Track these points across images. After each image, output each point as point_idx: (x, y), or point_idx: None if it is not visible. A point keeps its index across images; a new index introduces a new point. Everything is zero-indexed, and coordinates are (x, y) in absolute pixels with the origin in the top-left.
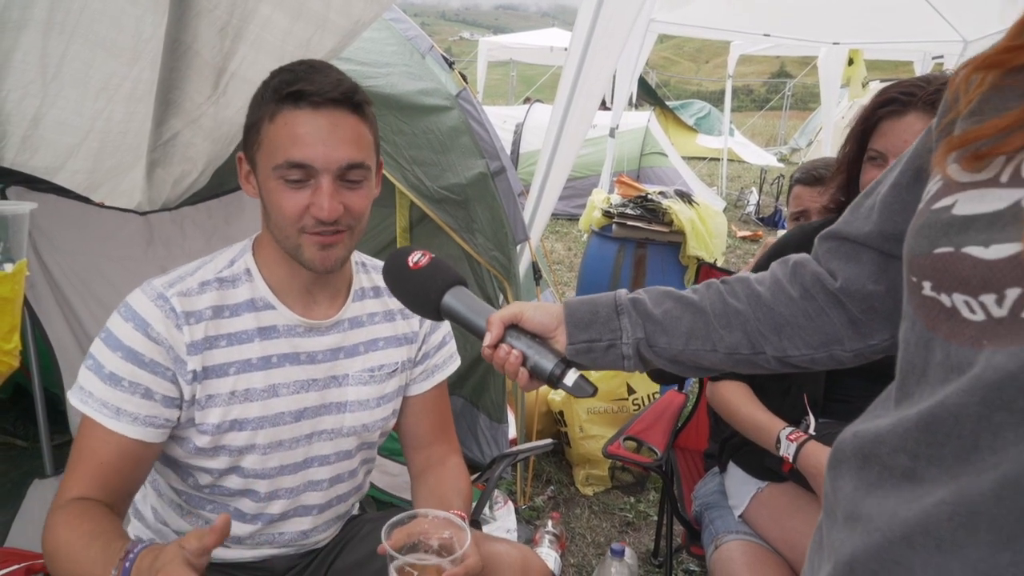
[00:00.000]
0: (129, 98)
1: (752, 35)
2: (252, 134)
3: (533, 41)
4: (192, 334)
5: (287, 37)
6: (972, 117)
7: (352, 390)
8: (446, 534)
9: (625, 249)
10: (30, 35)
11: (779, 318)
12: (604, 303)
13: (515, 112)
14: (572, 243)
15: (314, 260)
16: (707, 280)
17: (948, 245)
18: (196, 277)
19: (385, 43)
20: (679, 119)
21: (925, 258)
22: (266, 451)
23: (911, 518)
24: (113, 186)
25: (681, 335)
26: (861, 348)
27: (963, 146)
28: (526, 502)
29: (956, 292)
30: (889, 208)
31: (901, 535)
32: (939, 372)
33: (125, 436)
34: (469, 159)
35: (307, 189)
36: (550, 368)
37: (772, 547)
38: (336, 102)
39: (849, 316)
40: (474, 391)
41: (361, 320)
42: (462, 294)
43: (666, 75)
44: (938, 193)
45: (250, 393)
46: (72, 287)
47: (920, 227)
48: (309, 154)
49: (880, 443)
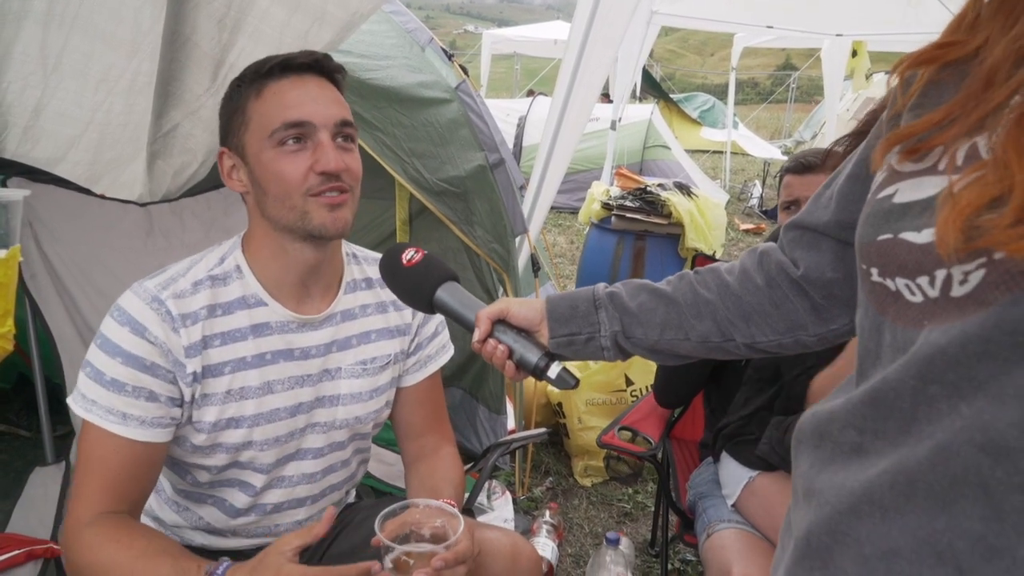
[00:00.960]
0: (129, 90)
1: (754, 27)
2: (235, 120)
3: (537, 34)
4: (190, 336)
5: (285, 29)
6: (914, 111)
7: (345, 383)
8: (438, 523)
9: (624, 241)
10: (30, 27)
11: (746, 306)
12: (583, 298)
13: (518, 105)
14: (575, 236)
15: (324, 223)
16: (680, 272)
17: (889, 232)
18: (188, 277)
19: (384, 36)
20: (683, 112)
21: (871, 245)
22: (263, 447)
23: (857, 489)
24: (114, 178)
25: (656, 326)
26: (824, 332)
27: (905, 139)
28: (524, 493)
29: (898, 276)
30: (845, 198)
31: (848, 506)
32: (889, 353)
33: (136, 440)
34: (468, 151)
35: (306, 151)
36: (535, 361)
37: (763, 535)
38: (314, 70)
39: (811, 303)
40: (473, 382)
41: (353, 312)
42: (454, 289)
43: (671, 68)
44: (883, 183)
45: (245, 391)
46: (72, 278)
47: (867, 216)
48: (305, 111)
49: (832, 421)
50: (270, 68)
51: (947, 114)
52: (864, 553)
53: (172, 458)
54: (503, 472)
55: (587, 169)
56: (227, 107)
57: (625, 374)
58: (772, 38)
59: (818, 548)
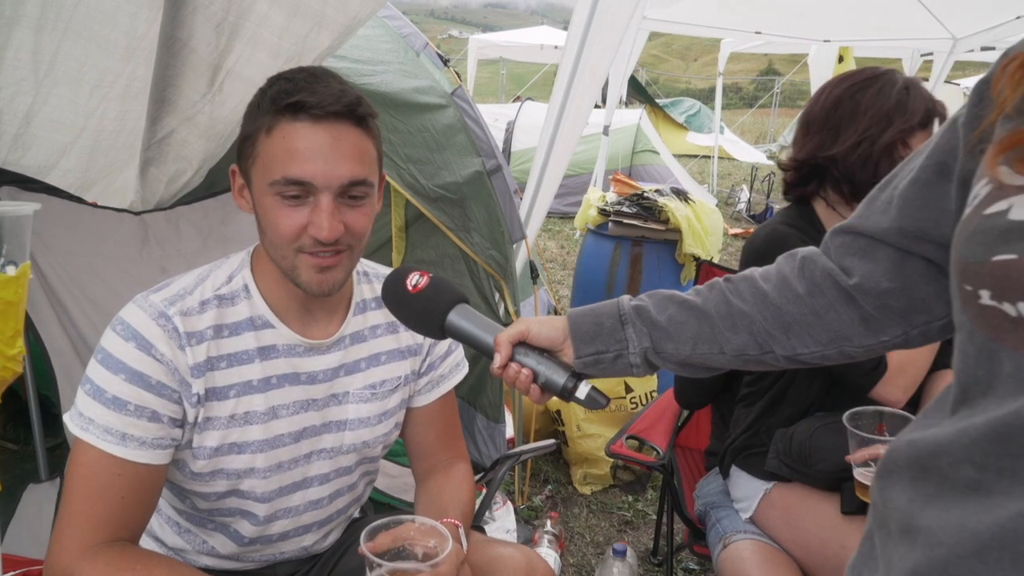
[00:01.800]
0: (123, 96)
1: (743, 33)
2: (247, 147)
3: (523, 39)
4: (195, 356)
5: (284, 34)
6: (1020, 116)
7: (352, 408)
8: (431, 543)
9: (621, 247)
10: (22, 31)
11: (787, 316)
12: (608, 314)
13: (506, 110)
14: (565, 241)
15: (310, 284)
16: (710, 280)
17: (1010, 252)
18: (196, 296)
19: (379, 40)
20: (669, 117)
21: (982, 266)
22: (266, 474)
23: (983, 531)
24: (106, 185)
25: (687, 340)
26: (872, 344)
27: (1014, 147)
28: (524, 502)
29: (1022, 301)
30: (909, 204)
31: (972, 549)
32: (1011, 384)
33: (135, 462)
34: (465, 157)
35: (305, 207)
36: (562, 383)
37: (781, 547)
38: (338, 115)
39: (861, 313)
40: (471, 391)
41: (363, 335)
42: (466, 312)
43: (655, 73)
44: (989, 197)
45: (250, 416)
46: (66, 289)
47: (972, 233)
48: (308, 171)
49: (940, 454)
50: (286, 105)
51: None
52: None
53: (170, 481)
54: (503, 481)
55: (577, 174)
56: (245, 125)
57: (624, 381)
58: (759, 43)
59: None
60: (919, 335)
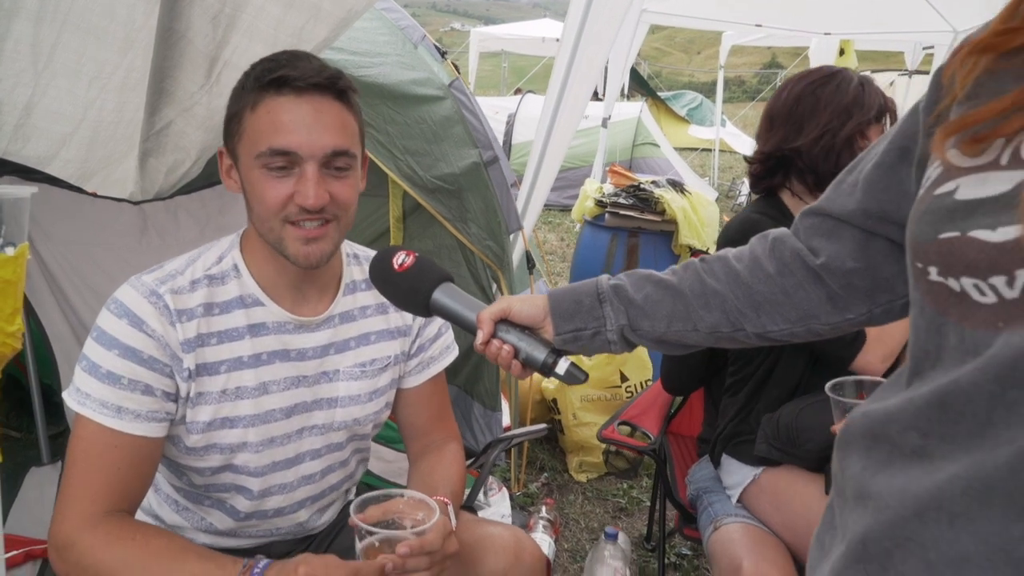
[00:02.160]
0: (121, 87)
1: (744, 25)
2: (233, 125)
3: (524, 32)
4: (185, 332)
5: (280, 26)
6: (968, 101)
7: (343, 385)
8: (419, 515)
9: (618, 238)
10: (21, 23)
11: (757, 296)
12: (587, 292)
13: (507, 103)
14: (564, 233)
15: (298, 255)
16: (686, 261)
17: (953, 230)
18: (187, 276)
19: (377, 32)
20: (671, 110)
21: (930, 244)
22: (258, 448)
23: (923, 494)
24: (105, 175)
25: (663, 318)
26: (838, 322)
27: (961, 130)
28: (520, 489)
29: (964, 276)
30: (873, 187)
31: (913, 511)
32: (955, 355)
33: (130, 435)
34: (462, 149)
35: (291, 178)
36: (542, 359)
37: (770, 529)
38: (320, 87)
39: (828, 292)
40: (468, 380)
41: (352, 315)
42: (451, 291)
43: (658, 66)
44: (939, 179)
45: (241, 391)
46: (67, 277)
47: (923, 213)
48: (293, 141)
49: (890, 422)
50: (270, 81)
51: (1012, 103)
52: (929, 559)
53: (167, 458)
54: (499, 468)
55: (576, 167)
56: (231, 106)
57: (620, 370)
58: (760, 36)
59: (877, 552)
60: (882, 313)
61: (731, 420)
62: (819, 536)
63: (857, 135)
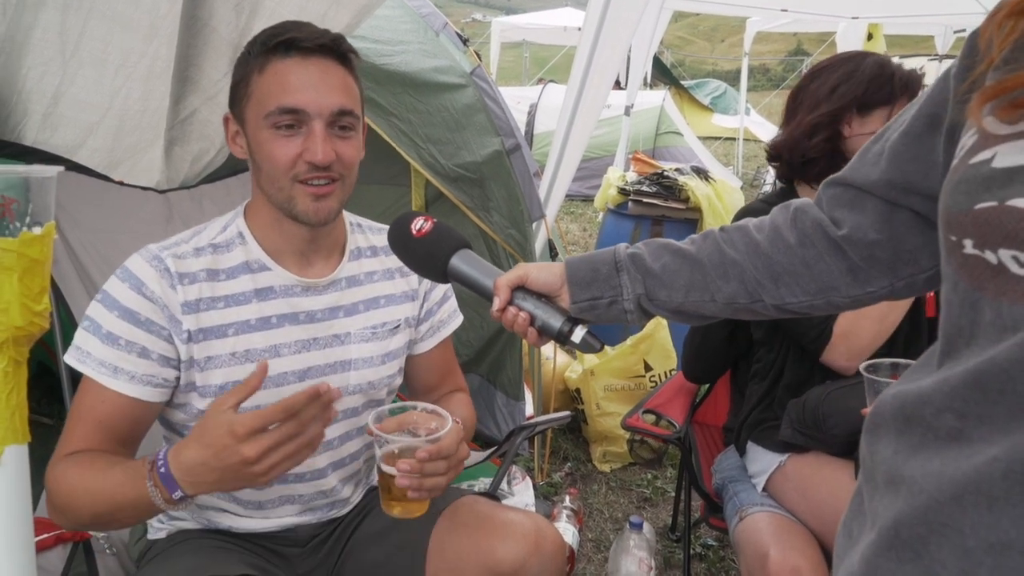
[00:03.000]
0: (147, 76)
1: (769, 11)
2: (240, 90)
3: (546, 21)
4: (186, 294)
5: (302, 12)
6: (1006, 66)
7: (355, 348)
8: (433, 425)
9: (641, 227)
10: (48, 12)
11: (776, 266)
12: (604, 260)
13: (529, 93)
14: (587, 224)
15: (308, 212)
16: (706, 230)
17: (991, 199)
18: (191, 244)
19: (399, 21)
20: (694, 99)
21: (965, 215)
22: None
23: (960, 478)
24: (132, 164)
25: (680, 288)
26: (859, 295)
27: (998, 95)
28: (544, 478)
29: (1003, 247)
30: (899, 156)
31: (950, 495)
32: (991, 332)
33: (123, 394)
34: (484, 137)
35: (299, 136)
36: (558, 327)
37: (797, 518)
38: (324, 49)
39: (849, 264)
40: (491, 369)
41: (359, 279)
42: (468, 257)
43: (681, 54)
44: (975, 147)
45: (250, 354)
46: (94, 264)
47: (957, 183)
48: (300, 99)
49: (924, 404)
50: (276, 44)
51: None
52: (967, 545)
53: (177, 427)
54: (522, 458)
55: (599, 156)
56: (237, 72)
57: (644, 359)
58: (786, 22)
59: (910, 539)
60: (905, 287)
61: (756, 406)
62: (847, 523)
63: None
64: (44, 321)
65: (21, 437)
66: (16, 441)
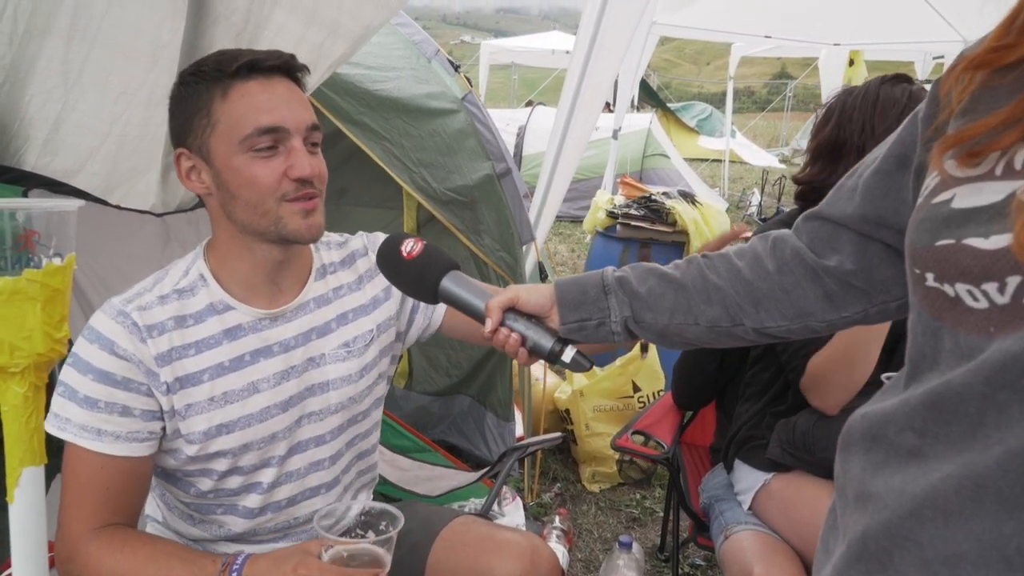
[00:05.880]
0: (147, 102)
1: (753, 36)
2: (198, 121)
3: (534, 44)
4: (157, 346)
5: (300, 42)
6: (965, 116)
7: (332, 368)
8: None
9: (629, 249)
10: (53, 42)
11: (757, 292)
12: (592, 283)
13: (517, 115)
14: (575, 245)
15: (300, 230)
16: (689, 256)
17: (949, 237)
18: (154, 292)
19: (392, 47)
20: (681, 121)
21: (927, 250)
22: (260, 446)
23: (919, 493)
24: (128, 188)
25: (665, 311)
26: (834, 320)
27: (958, 144)
28: (533, 499)
29: (959, 282)
30: (871, 193)
31: (909, 511)
32: (950, 359)
33: (113, 456)
34: (475, 161)
35: (278, 156)
36: (549, 347)
37: (780, 536)
38: (280, 69)
39: (825, 290)
40: (481, 390)
41: (327, 297)
42: (459, 279)
43: (667, 77)
44: (936, 188)
45: (228, 396)
46: (92, 287)
47: (921, 221)
48: (278, 117)
49: (887, 423)
50: (237, 68)
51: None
52: (926, 557)
53: (170, 473)
54: (512, 478)
55: (587, 178)
56: (185, 105)
57: (632, 380)
58: (769, 47)
59: (876, 552)
60: (877, 312)
61: (746, 423)
62: (824, 538)
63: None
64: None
65: (39, 459)
66: (34, 463)
